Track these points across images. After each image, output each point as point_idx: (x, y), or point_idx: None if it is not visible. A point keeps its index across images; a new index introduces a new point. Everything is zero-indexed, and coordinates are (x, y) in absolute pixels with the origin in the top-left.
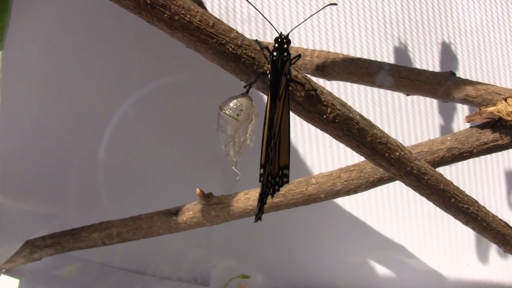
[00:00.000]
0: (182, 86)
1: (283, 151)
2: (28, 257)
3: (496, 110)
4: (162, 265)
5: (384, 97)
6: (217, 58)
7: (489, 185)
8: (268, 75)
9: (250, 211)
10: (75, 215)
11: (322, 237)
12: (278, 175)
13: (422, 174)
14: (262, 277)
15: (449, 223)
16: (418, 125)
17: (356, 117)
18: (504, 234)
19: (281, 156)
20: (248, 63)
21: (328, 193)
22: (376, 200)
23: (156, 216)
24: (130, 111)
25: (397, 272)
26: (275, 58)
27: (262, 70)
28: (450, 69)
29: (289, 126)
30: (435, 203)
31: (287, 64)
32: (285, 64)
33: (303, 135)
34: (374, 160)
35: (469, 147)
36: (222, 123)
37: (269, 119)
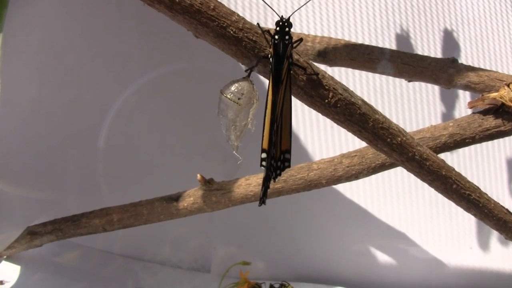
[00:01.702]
0: (183, 74)
1: (285, 135)
2: (29, 244)
3: (499, 96)
4: (163, 252)
5: (386, 84)
6: (218, 41)
7: (490, 172)
8: (269, 58)
9: (251, 197)
10: (75, 202)
11: (324, 225)
12: (279, 159)
13: (424, 160)
14: (263, 264)
15: (450, 210)
16: (420, 112)
17: (358, 102)
18: (505, 221)
19: (282, 141)
20: (249, 47)
21: (330, 179)
22: (378, 187)
23: (157, 202)
24: (131, 99)
25: (398, 260)
26: (277, 41)
27: (263, 54)
28: (452, 56)
29: (290, 110)
30: (437, 189)
31: (289, 47)
32: (286, 47)
33: (304, 120)
34: (376, 145)
35: (471, 133)
36: (223, 107)
37: (272, 102)
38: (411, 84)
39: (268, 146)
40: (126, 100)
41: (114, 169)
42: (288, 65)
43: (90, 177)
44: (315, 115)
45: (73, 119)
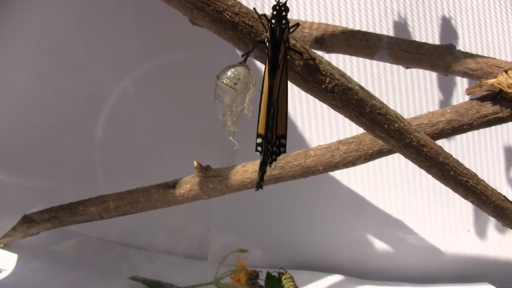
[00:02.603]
0: (180, 62)
1: (281, 120)
2: (26, 232)
3: (497, 82)
4: (160, 239)
5: (383, 71)
6: (214, 26)
7: (488, 160)
8: (266, 43)
9: (248, 184)
10: (72, 190)
11: (321, 212)
12: (275, 144)
13: (422, 146)
14: (261, 251)
15: (448, 198)
16: (417, 100)
17: (355, 87)
18: (503, 208)
19: (278, 126)
20: (245, 31)
21: (327, 166)
22: (375, 175)
23: (153, 190)
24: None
25: (396, 248)
26: (273, 26)
27: (260, 39)
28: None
29: (287, 96)
30: (434, 176)
31: (286, 32)
32: (283, 32)
33: (301, 107)
34: (373, 131)
35: (469, 120)
36: (219, 93)
37: (269, 87)
38: (409, 71)
39: (264, 131)
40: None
41: (111, 157)
42: (284, 49)
43: (87, 165)
44: (312, 101)
45: (70, 107)
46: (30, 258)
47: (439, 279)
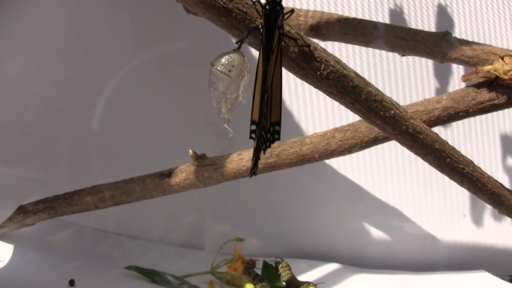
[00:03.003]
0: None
1: (275, 107)
2: (21, 223)
3: (493, 68)
4: (157, 229)
5: (379, 59)
6: (207, 12)
7: (484, 148)
8: (260, 29)
9: (243, 172)
10: (67, 180)
11: (317, 201)
12: (269, 131)
13: (418, 133)
14: (257, 240)
15: (444, 186)
16: (413, 88)
17: (351, 74)
18: (499, 195)
19: (272, 113)
20: (239, 18)
21: (323, 153)
22: (371, 163)
23: (149, 179)
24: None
25: (392, 236)
26: (268, 12)
27: (254, 25)
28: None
29: (281, 82)
30: (430, 163)
31: (280, 18)
32: (278, 18)
33: (297, 94)
34: (369, 118)
35: (465, 107)
36: (214, 80)
37: (263, 72)
38: (404, 59)
39: (258, 117)
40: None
41: (106, 146)
42: (279, 36)
43: (82, 155)
44: (308, 89)
45: (65, 97)
46: (26, 248)
47: (435, 267)
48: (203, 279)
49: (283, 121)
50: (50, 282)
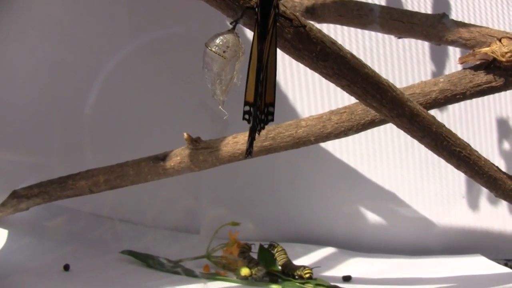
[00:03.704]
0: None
1: (269, 88)
2: (16, 207)
3: (490, 51)
4: (152, 214)
5: (375, 42)
6: None
7: (480, 132)
8: (255, 9)
9: (239, 155)
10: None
11: (313, 185)
12: (263, 112)
13: (414, 116)
14: (253, 224)
15: (440, 170)
16: (409, 71)
17: (347, 55)
18: (496, 178)
19: (267, 94)
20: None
21: (318, 136)
22: (367, 147)
23: (143, 162)
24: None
25: (388, 220)
26: None
27: (248, 5)
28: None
29: (275, 63)
30: (427, 146)
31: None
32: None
33: (292, 77)
34: (365, 100)
35: (462, 89)
36: (208, 61)
37: (258, 52)
38: (401, 42)
39: (253, 98)
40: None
41: (101, 130)
42: (274, 15)
43: (76, 139)
44: (304, 72)
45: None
46: (21, 234)
47: (431, 251)
48: (198, 263)
49: (278, 103)
50: (45, 267)
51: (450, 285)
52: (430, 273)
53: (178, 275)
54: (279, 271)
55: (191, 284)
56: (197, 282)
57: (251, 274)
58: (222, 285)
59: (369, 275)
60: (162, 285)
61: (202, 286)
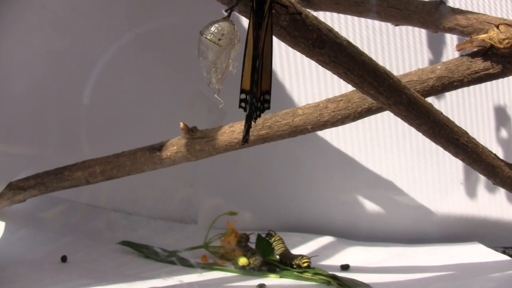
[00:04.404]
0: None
1: (265, 75)
2: (12, 199)
3: (488, 37)
4: (149, 204)
5: (372, 30)
6: None
7: (478, 120)
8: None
9: (235, 144)
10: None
11: (311, 174)
12: (259, 100)
13: (412, 103)
14: (250, 214)
15: (438, 158)
16: (406, 59)
17: (343, 42)
18: (493, 166)
19: (263, 81)
20: None
21: (315, 124)
22: (365, 135)
23: (139, 153)
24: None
25: (386, 209)
26: None
27: None
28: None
29: (271, 51)
30: (424, 134)
31: None
32: None
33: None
34: (362, 88)
35: (459, 76)
36: (203, 49)
37: (254, 38)
38: (398, 31)
39: (249, 85)
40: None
41: (97, 121)
42: (270, 2)
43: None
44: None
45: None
46: (18, 225)
47: (429, 239)
48: (196, 253)
49: (275, 92)
50: (42, 259)
51: (448, 273)
52: (428, 261)
53: (175, 265)
54: (277, 260)
55: (188, 274)
56: (194, 272)
57: (249, 263)
58: (220, 275)
59: (367, 264)
60: (159, 275)
61: (198, 276)
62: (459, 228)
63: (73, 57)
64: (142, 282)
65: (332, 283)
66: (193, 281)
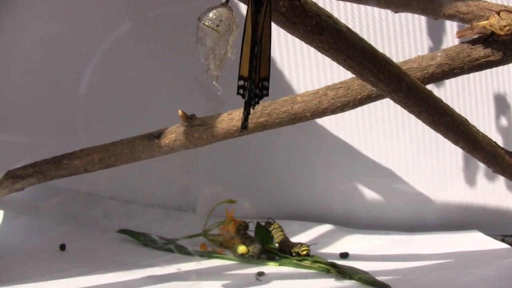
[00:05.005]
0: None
1: (264, 62)
2: (10, 188)
3: (489, 24)
4: (148, 193)
5: (372, 17)
6: None
7: (477, 108)
8: None
9: (234, 132)
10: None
11: (310, 162)
12: (258, 86)
13: (412, 91)
14: (249, 202)
15: (437, 147)
16: (406, 47)
17: (343, 29)
18: (494, 154)
19: (261, 68)
20: None
21: (315, 112)
22: (364, 123)
23: (138, 140)
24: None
25: (385, 197)
26: None
27: None
28: None
29: (270, 37)
30: (424, 121)
31: None
32: None
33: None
34: (361, 75)
35: (459, 63)
36: (202, 35)
37: (253, 24)
38: (397, 17)
39: (248, 71)
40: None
41: (95, 109)
42: None
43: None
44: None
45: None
46: (17, 214)
47: (428, 227)
48: (195, 241)
49: (274, 79)
50: (41, 247)
51: (447, 261)
52: (427, 249)
53: (174, 253)
54: (276, 248)
55: (187, 262)
56: (192, 261)
57: (248, 251)
58: (219, 263)
59: (366, 252)
60: (158, 264)
61: (197, 264)
62: (458, 216)
63: (71, 45)
64: (141, 270)
65: (331, 271)
66: (192, 269)
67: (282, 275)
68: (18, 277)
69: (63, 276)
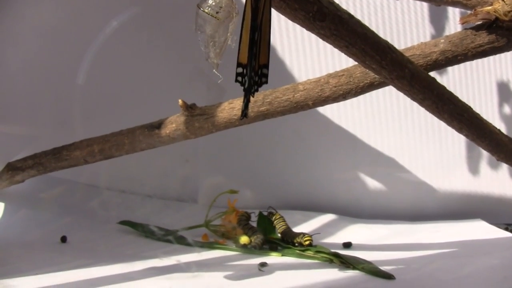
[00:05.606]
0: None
1: (263, 49)
2: (11, 180)
3: (493, 10)
4: (149, 184)
5: (373, 5)
6: None
7: (480, 96)
8: None
9: (235, 121)
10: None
11: (313, 152)
12: (257, 74)
13: (415, 78)
14: (251, 192)
15: (440, 135)
16: (408, 35)
17: (345, 15)
18: (498, 141)
19: (260, 55)
20: None
21: (316, 100)
22: (366, 112)
23: (138, 131)
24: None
25: (388, 186)
26: None
27: None
28: None
29: (270, 24)
30: (427, 109)
31: None
32: None
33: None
34: (364, 62)
35: (463, 50)
36: (201, 23)
37: (253, 10)
38: (399, 5)
39: (247, 58)
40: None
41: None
42: None
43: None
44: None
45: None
46: (17, 206)
47: (431, 216)
48: (197, 232)
49: (275, 67)
50: (42, 239)
51: (450, 250)
52: (431, 239)
53: (175, 244)
54: (279, 238)
55: (188, 253)
56: (193, 252)
57: (250, 242)
58: (221, 254)
59: (369, 241)
60: (159, 255)
61: (198, 255)
62: (461, 205)
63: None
64: (143, 262)
65: (334, 261)
66: (193, 260)
67: (284, 265)
68: (19, 270)
69: (64, 268)
